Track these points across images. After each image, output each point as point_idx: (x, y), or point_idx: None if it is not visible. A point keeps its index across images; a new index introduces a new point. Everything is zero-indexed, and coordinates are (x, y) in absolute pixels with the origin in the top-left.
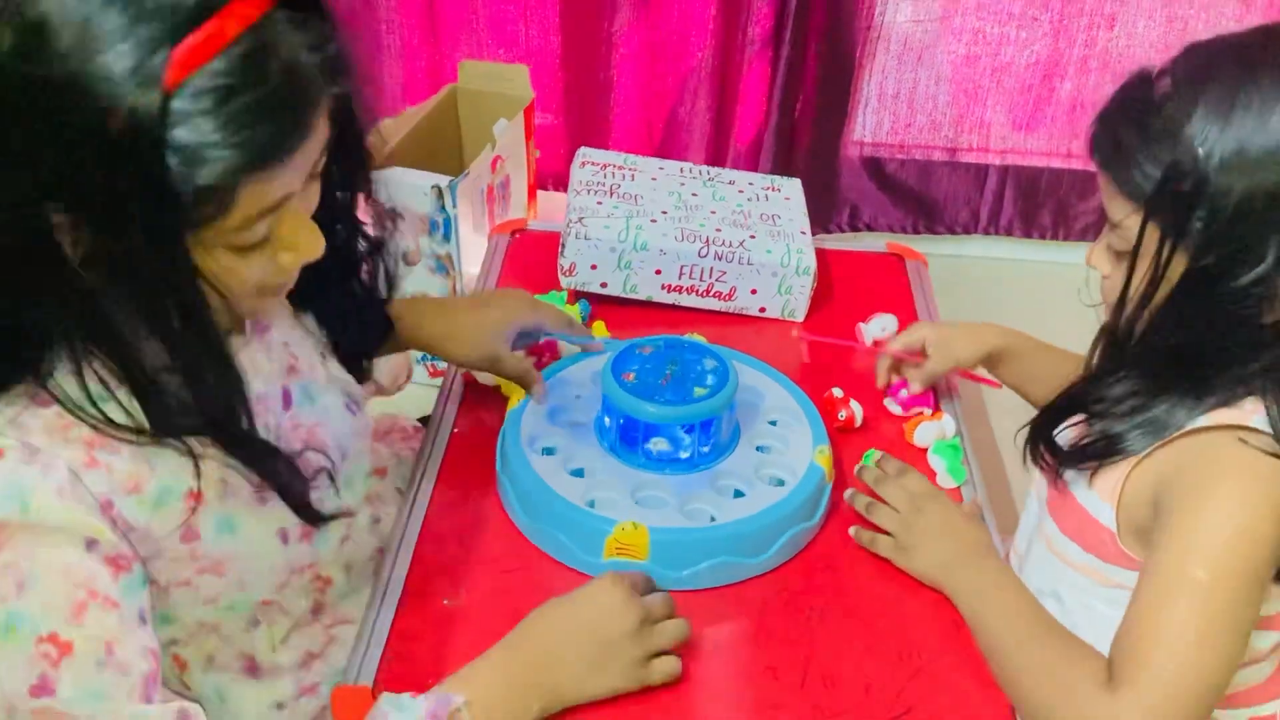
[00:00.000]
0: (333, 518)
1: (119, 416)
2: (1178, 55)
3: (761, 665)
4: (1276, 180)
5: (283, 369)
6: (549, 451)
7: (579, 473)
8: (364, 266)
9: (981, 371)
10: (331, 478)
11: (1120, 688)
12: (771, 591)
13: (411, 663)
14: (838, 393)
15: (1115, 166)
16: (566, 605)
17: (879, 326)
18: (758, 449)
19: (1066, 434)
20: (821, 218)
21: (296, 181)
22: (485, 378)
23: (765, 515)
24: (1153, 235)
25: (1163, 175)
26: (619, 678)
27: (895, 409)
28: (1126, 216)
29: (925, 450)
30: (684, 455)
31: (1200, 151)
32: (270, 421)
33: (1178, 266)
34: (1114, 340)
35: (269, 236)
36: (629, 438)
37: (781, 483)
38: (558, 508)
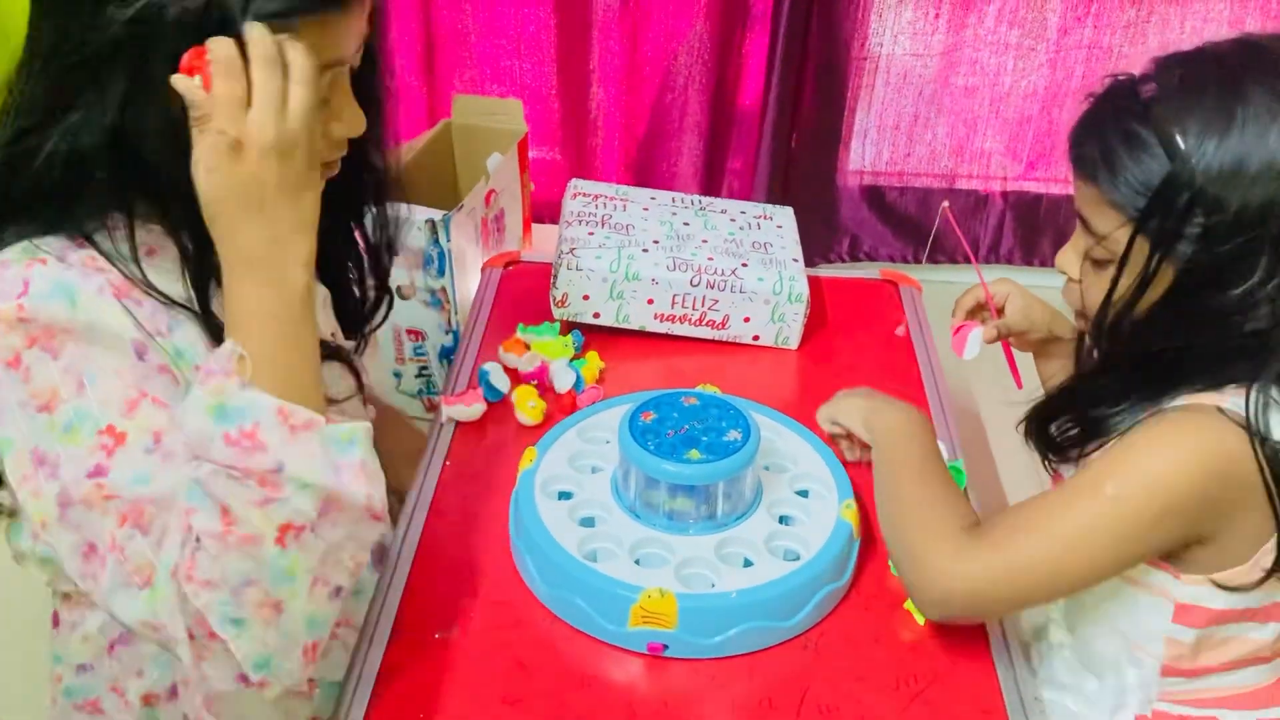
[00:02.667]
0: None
1: (156, 277)
2: (1159, 65)
3: (758, 696)
4: (1271, 194)
5: None
6: (565, 496)
7: (589, 521)
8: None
9: (1018, 363)
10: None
11: (980, 538)
12: None
13: (402, 696)
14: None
15: (1103, 177)
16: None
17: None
18: (780, 519)
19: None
20: (821, 248)
21: (347, 47)
22: (472, 413)
23: (794, 577)
24: (1141, 245)
25: (1158, 188)
26: (296, 197)
27: None
28: (1114, 227)
29: None
30: (702, 516)
31: (1197, 165)
32: None
33: (1164, 275)
34: (1095, 343)
35: (327, 100)
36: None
37: (796, 556)
38: (579, 574)
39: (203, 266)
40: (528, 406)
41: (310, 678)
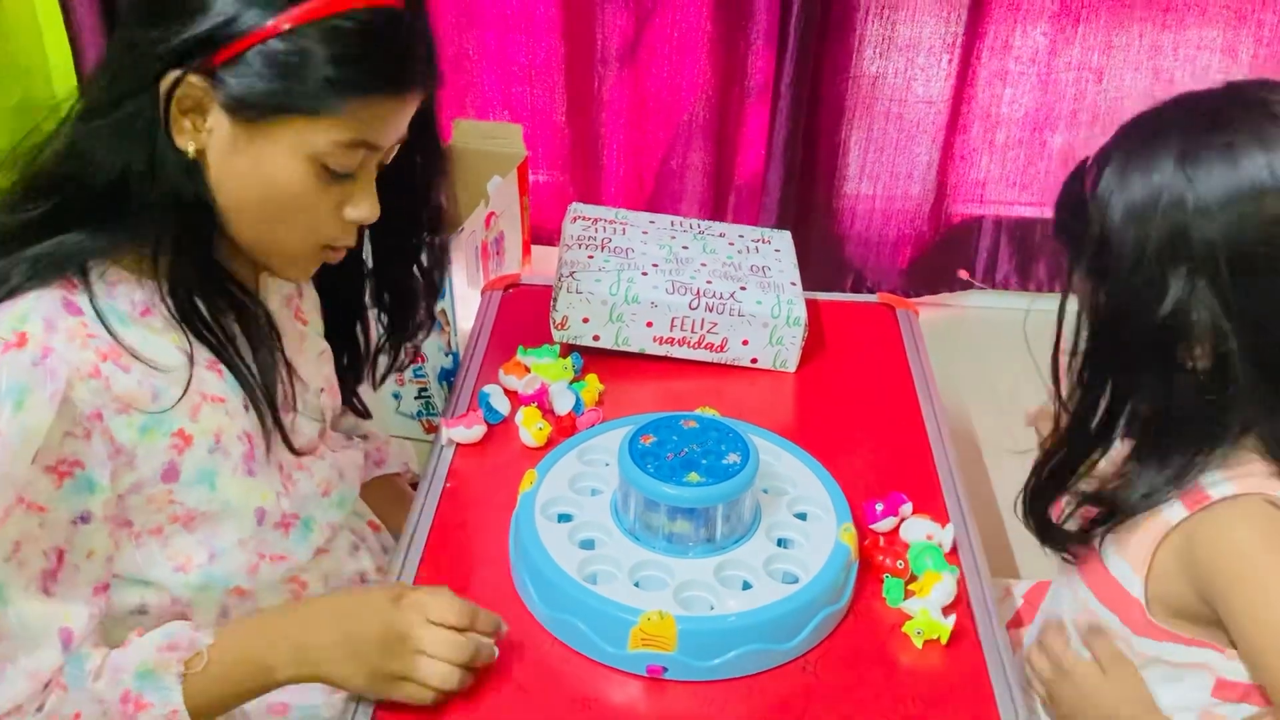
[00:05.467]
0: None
1: (146, 339)
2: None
3: (757, 718)
4: (1163, 230)
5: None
6: (565, 519)
7: (588, 544)
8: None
9: None
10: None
11: None
12: None
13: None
14: None
15: (1058, 227)
16: (340, 594)
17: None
18: (779, 542)
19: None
20: (825, 284)
21: (386, 136)
22: (472, 435)
23: (793, 600)
24: (1081, 284)
25: (1080, 227)
26: (363, 679)
27: (883, 526)
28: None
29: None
30: (701, 538)
31: (1105, 203)
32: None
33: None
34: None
35: (352, 180)
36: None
37: (795, 579)
38: (579, 597)
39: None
40: (534, 429)
41: (283, 700)
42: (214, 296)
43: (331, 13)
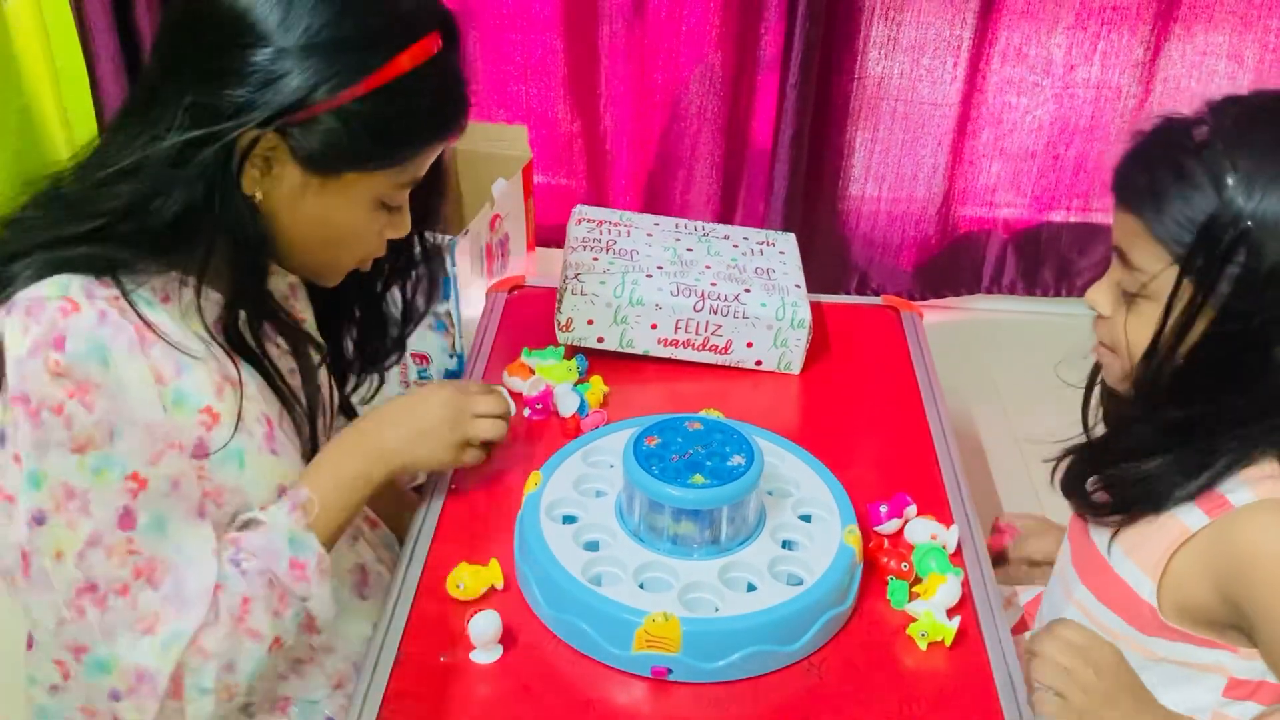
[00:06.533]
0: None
1: (169, 323)
2: (1214, 105)
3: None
4: None
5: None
6: (569, 520)
7: (593, 545)
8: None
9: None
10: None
11: None
12: None
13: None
14: None
15: (1149, 211)
16: (397, 398)
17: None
18: (783, 544)
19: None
20: (829, 286)
21: (427, 167)
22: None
23: (798, 602)
24: (1185, 286)
25: (1201, 227)
26: (438, 454)
27: (887, 528)
28: (1155, 263)
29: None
30: (705, 540)
31: (1244, 206)
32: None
33: (1202, 321)
34: (1134, 388)
35: (399, 209)
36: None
37: (800, 581)
38: (583, 598)
39: (236, 315)
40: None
41: (285, 694)
42: (265, 327)
43: (396, 76)
